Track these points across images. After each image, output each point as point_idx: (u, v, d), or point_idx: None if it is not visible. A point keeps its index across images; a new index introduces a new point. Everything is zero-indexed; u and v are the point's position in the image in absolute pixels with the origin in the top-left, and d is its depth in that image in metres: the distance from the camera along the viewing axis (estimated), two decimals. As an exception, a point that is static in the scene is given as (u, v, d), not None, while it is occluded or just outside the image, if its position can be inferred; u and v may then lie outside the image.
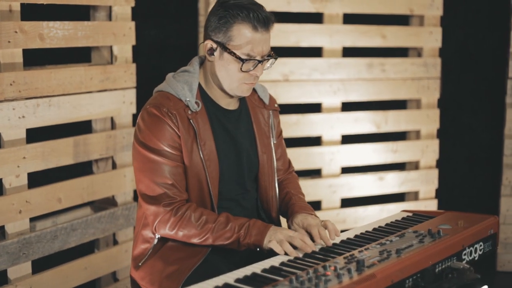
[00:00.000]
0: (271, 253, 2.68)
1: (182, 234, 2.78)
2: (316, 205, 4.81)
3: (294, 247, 2.65)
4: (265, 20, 2.78)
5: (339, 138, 4.92)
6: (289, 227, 2.96)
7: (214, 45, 2.82)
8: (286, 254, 2.63)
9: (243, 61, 2.78)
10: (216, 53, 2.82)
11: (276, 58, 2.90)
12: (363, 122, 4.98)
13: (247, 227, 2.75)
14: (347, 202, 5.04)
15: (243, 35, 2.77)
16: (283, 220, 3.16)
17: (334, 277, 2.26)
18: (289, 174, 3.25)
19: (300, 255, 2.62)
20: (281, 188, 3.17)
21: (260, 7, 2.81)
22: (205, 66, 2.91)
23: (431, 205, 5.24)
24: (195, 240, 2.78)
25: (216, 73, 2.85)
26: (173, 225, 2.77)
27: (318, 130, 4.84)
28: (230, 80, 2.83)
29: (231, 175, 2.92)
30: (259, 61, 2.81)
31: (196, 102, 2.84)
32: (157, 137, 2.76)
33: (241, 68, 2.79)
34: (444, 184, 5.42)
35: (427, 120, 5.18)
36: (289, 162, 3.28)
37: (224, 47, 2.79)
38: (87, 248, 4.03)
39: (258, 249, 2.75)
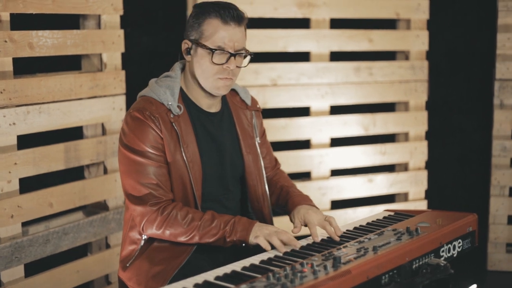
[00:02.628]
0: (257, 249, 2.77)
1: (169, 233, 2.85)
2: (306, 207, 4.85)
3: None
4: (235, 15, 2.87)
5: (328, 141, 4.98)
6: (290, 219, 3.06)
7: (189, 44, 2.91)
8: (273, 248, 2.72)
9: (213, 51, 2.85)
10: (192, 51, 2.92)
11: (251, 55, 2.96)
12: (352, 125, 5.04)
13: (232, 224, 2.82)
14: (337, 204, 5.10)
15: (212, 28, 2.85)
16: (275, 219, 3.23)
17: (310, 273, 2.33)
18: (276, 170, 3.34)
19: (288, 250, 2.69)
20: (274, 183, 3.25)
21: (232, 5, 2.90)
22: (186, 70, 3.00)
23: (421, 206, 5.29)
24: (182, 239, 2.85)
25: (194, 71, 2.93)
26: (159, 224, 2.84)
27: (307, 133, 4.90)
28: (205, 76, 2.90)
29: (213, 176, 2.99)
30: (231, 54, 2.87)
31: (178, 106, 2.91)
32: (141, 140, 2.84)
33: (212, 60, 2.85)
34: (434, 185, 5.48)
35: (415, 122, 5.24)
36: (276, 159, 3.36)
37: (197, 43, 2.88)
38: (79, 252, 4.08)
39: (243, 244, 2.82)
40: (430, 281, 2.53)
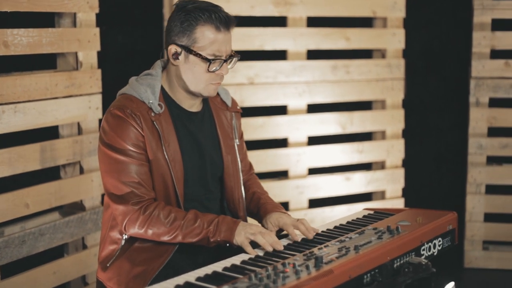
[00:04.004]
0: (240, 249, 2.74)
1: (151, 233, 2.82)
2: (284, 206, 4.76)
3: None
4: (227, 20, 2.85)
5: (305, 139, 4.97)
6: (262, 226, 3.03)
7: (179, 49, 2.87)
8: (260, 249, 2.71)
9: (209, 61, 2.83)
10: (181, 57, 2.87)
11: (239, 57, 2.96)
12: (329, 123, 5.04)
13: (216, 224, 2.79)
14: (314, 203, 5.09)
15: (207, 37, 2.83)
16: (250, 220, 3.21)
17: (292, 274, 2.31)
18: (250, 175, 3.32)
19: (271, 249, 2.68)
20: (247, 188, 3.23)
21: (220, 8, 2.88)
22: (169, 70, 2.96)
23: (398, 204, 5.30)
24: (164, 238, 2.82)
25: (181, 76, 2.89)
26: (142, 223, 2.81)
27: (284, 132, 4.89)
28: (196, 82, 2.88)
29: (194, 176, 2.96)
30: (225, 61, 2.87)
31: (159, 104, 2.89)
32: (122, 138, 2.81)
33: (208, 69, 2.84)
34: (411, 183, 5.49)
35: (392, 121, 5.25)
36: (250, 164, 3.34)
37: (189, 50, 2.84)
38: (56, 253, 4.04)
39: (227, 244, 2.80)
40: (412, 280, 2.52)
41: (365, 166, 5.33)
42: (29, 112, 3.70)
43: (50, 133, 3.97)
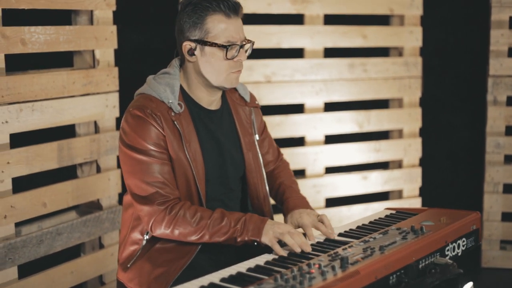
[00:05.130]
0: (268, 248, 2.71)
1: (178, 233, 2.78)
2: (301, 206, 4.83)
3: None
4: (235, 6, 2.84)
5: (322, 138, 4.94)
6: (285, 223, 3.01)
7: (193, 44, 2.84)
8: (285, 248, 2.67)
9: (226, 48, 2.81)
10: (197, 52, 2.85)
11: (253, 42, 2.93)
12: (346, 122, 5.01)
13: (243, 222, 2.75)
14: (331, 202, 5.07)
15: (218, 25, 2.81)
16: (276, 217, 3.19)
17: (318, 275, 2.28)
18: (280, 161, 3.31)
19: (299, 250, 2.65)
20: (274, 178, 3.21)
21: None
22: (186, 68, 2.93)
23: (415, 203, 5.27)
24: (191, 238, 2.78)
25: (201, 71, 2.87)
26: (168, 224, 2.77)
27: (301, 130, 4.86)
28: (217, 73, 2.85)
29: (215, 175, 2.94)
30: (240, 46, 2.85)
31: (179, 104, 2.85)
32: (143, 138, 2.78)
33: (226, 56, 2.81)
34: (428, 182, 5.46)
35: (409, 119, 5.21)
36: (278, 150, 3.33)
37: (204, 42, 2.82)
38: (73, 252, 4.03)
39: (255, 243, 2.76)
40: (440, 281, 2.49)
41: (382, 165, 5.30)
42: (46, 110, 3.68)
43: (67, 131, 3.96)
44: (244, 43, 2.87)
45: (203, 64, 2.85)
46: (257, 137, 3.13)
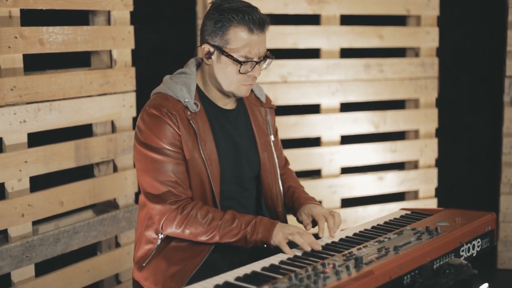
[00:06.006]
0: (278, 249, 2.72)
1: (189, 232, 2.80)
2: (316, 205, 4.83)
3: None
4: (260, 21, 2.81)
5: (338, 138, 4.95)
6: (297, 219, 3.04)
7: (211, 49, 2.85)
8: (297, 248, 2.69)
9: (241, 63, 2.81)
10: (214, 57, 2.86)
11: (273, 58, 2.93)
12: (362, 122, 5.01)
13: (253, 224, 2.78)
14: (347, 202, 5.07)
15: (239, 38, 2.80)
16: (289, 217, 3.20)
17: (332, 274, 2.29)
18: (286, 169, 3.31)
19: (309, 249, 2.66)
20: (282, 182, 3.22)
21: (255, 9, 2.84)
22: (203, 69, 2.95)
23: (431, 204, 5.26)
24: (202, 238, 2.80)
25: (214, 75, 2.88)
26: (179, 223, 2.79)
27: (317, 131, 4.87)
28: (229, 82, 2.87)
29: (231, 174, 2.95)
30: (257, 62, 2.85)
31: (195, 103, 2.87)
32: (158, 137, 2.80)
33: (239, 71, 2.82)
34: (444, 183, 5.45)
35: (425, 120, 5.21)
36: (285, 159, 3.34)
37: (222, 51, 2.83)
38: (90, 251, 4.06)
39: (265, 245, 2.78)
40: (454, 282, 2.49)
41: (398, 166, 5.30)
42: (64, 110, 3.71)
43: (84, 131, 3.99)
44: (262, 59, 2.87)
45: (217, 70, 2.86)
46: (272, 137, 3.14)
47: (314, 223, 2.97)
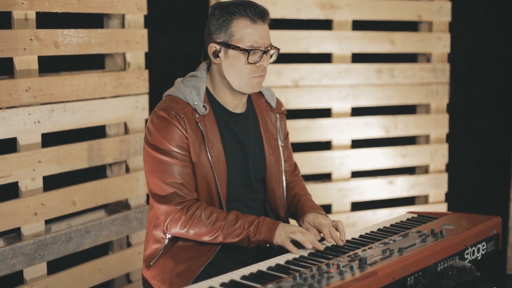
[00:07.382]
0: (281, 249, 2.77)
1: (193, 233, 2.86)
2: (327, 209, 4.86)
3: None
4: (261, 12, 2.88)
5: (349, 142, 4.97)
6: (299, 226, 3.04)
7: (218, 47, 2.91)
8: (302, 249, 2.73)
9: (248, 52, 2.86)
10: (221, 54, 2.91)
11: (278, 49, 2.98)
12: (373, 127, 5.04)
13: (256, 224, 2.82)
14: (357, 206, 5.09)
15: (243, 29, 2.87)
16: (291, 221, 3.23)
17: (336, 274, 2.33)
18: (295, 176, 3.33)
19: (313, 250, 2.70)
20: (289, 189, 3.24)
21: (254, 3, 2.91)
22: (212, 71, 3.00)
23: (441, 209, 5.27)
24: (205, 238, 2.85)
25: (224, 74, 2.93)
26: (184, 223, 2.85)
27: (328, 135, 4.90)
28: (239, 76, 2.91)
29: (238, 176, 3.00)
30: (263, 52, 2.90)
31: (203, 106, 2.92)
32: (166, 139, 2.85)
33: (247, 60, 2.87)
34: (454, 188, 5.47)
35: (436, 125, 5.23)
36: (295, 164, 3.35)
37: (227, 45, 2.88)
38: (101, 250, 4.11)
39: (268, 245, 2.82)
40: (456, 283, 2.52)
41: (409, 170, 5.31)
42: (77, 111, 3.76)
43: (97, 132, 4.04)
44: (268, 49, 2.92)
45: (226, 67, 2.91)
46: (281, 143, 3.18)
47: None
